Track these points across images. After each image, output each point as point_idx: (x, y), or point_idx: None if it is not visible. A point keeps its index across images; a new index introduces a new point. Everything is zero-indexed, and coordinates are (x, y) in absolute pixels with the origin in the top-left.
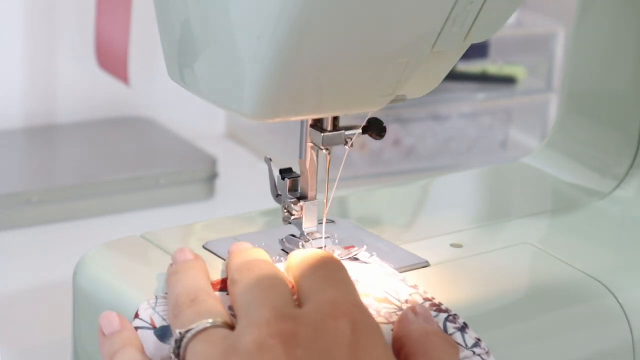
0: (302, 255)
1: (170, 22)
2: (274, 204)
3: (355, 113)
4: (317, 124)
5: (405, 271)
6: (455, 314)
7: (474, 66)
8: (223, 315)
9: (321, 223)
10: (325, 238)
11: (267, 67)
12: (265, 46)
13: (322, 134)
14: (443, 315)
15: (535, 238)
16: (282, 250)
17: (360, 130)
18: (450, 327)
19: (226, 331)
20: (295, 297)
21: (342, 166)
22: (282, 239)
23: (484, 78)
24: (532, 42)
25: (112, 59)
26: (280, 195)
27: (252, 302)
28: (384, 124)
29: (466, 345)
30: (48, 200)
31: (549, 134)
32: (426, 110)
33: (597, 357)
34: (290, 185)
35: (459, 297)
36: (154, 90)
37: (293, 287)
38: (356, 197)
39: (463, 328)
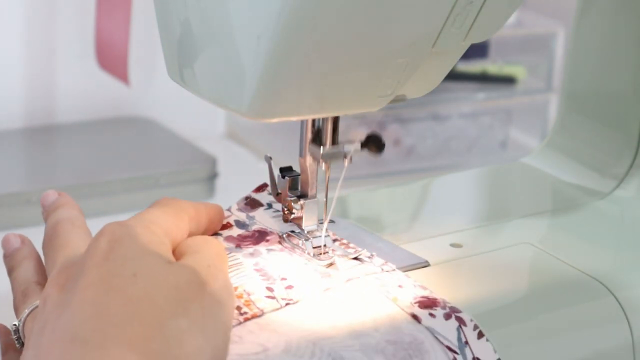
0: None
1: (170, 22)
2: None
3: (355, 113)
4: (317, 139)
5: (405, 271)
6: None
7: (474, 66)
8: None
9: (321, 223)
10: (325, 237)
11: (267, 67)
12: (265, 46)
13: (322, 149)
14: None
15: (535, 238)
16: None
17: (359, 145)
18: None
19: None
20: None
21: (341, 181)
22: (283, 236)
23: (484, 78)
24: (532, 42)
25: (112, 59)
26: (281, 193)
27: (52, 265)
28: (383, 140)
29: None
30: None
31: (549, 134)
32: (426, 110)
33: (597, 357)
34: (291, 184)
35: (459, 297)
36: (154, 90)
37: None
38: (356, 197)
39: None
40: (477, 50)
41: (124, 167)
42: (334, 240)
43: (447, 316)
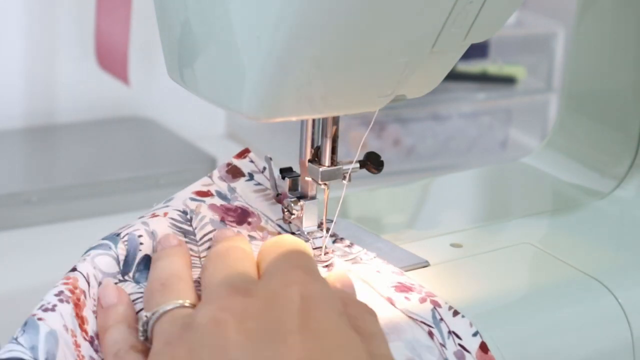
0: (274, 240)
1: (170, 22)
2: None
3: (356, 113)
4: (315, 159)
5: (405, 271)
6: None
7: (474, 66)
8: (191, 298)
9: (321, 223)
10: (326, 237)
11: (267, 67)
12: (265, 46)
13: (320, 170)
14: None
15: (535, 238)
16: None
17: (357, 165)
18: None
19: (190, 311)
20: (259, 276)
21: (341, 199)
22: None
23: (484, 78)
24: (532, 42)
25: (112, 59)
26: (281, 194)
27: (213, 282)
28: (381, 158)
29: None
30: (48, 200)
31: (549, 134)
32: (426, 110)
33: (597, 357)
34: (291, 185)
35: (459, 297)
36: (154, 90)
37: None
38: (356, 197)
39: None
40: (477, 50)
41: (124, 167)
42: (334, 242)
43: (422, 300)
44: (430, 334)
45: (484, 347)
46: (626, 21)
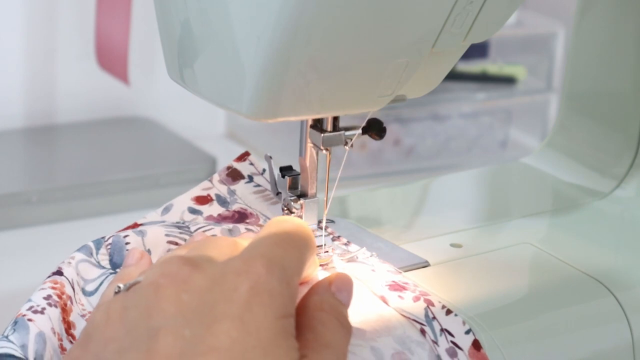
0: (280, 218)
1: (170, 22)
2: None
3: (356, 113)
4: (317, 125)
5: (405, 271)
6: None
7: (474, 66)
8: None
9: (321, 221)
10: (326, 236)
11: (267, 67)
12: (265, 46)
13: (322, 135)
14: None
15: (535, 238)
16: None
17: (360, 131)
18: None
19: None
20: None
21: (342, 166)
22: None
23: (484, 78)
24: (532, 42)
25: (112, 59)
26: (281, 193)
27: (177, 253)
28: (384, 125)
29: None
30: (48, 200)
31: (549, 134)
32: (426, 110)
33: (597, 357)
34: (291, 183)
35: (459, 297)
36: (154, 90)
37: None
38: (356, 197)
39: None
40: (477, 50)
41: (124, 167)
42: (333, 239)
43: (416, 299)
44: (423, 332)
45: (476, 345)
46: (626, 21)
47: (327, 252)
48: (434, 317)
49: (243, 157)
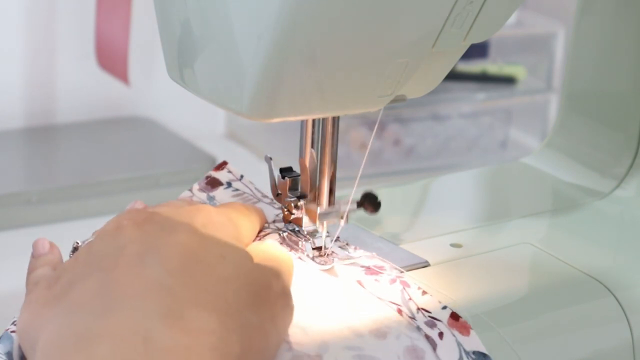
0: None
1: (170, 22)
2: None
3: (356, 113)
4: (314, 201)
5: (404, 271)
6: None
7: (474, 66)
8: None
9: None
10: (325, 237)
11: (267, 67)
12: (265, 46)
13: (318, 211)
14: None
15: (535, 238)
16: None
17: (355, 205)
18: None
19: None
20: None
21: (337, 232)
22: (283, 236)
23: (484, 78)
24: (532, 42)
25: (112, 59)
26: (281, 194)
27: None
28: (379, 199)
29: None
30: (48, 200)
31: (549, 134)
32: (426, 110)
33: (597, 357)
34: (291, 185)
35: (459, 297)
36: (154, 90)
37: None
38: (356, 197)
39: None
40: (477, 50)
41: (124, 167)
42: (334, 242)
43: (392, 281)
44: (399, 312)
45: (454, 316)
46: (626, 21)
47: (327, 254)
48: (410, 298)
49: (221, 166)
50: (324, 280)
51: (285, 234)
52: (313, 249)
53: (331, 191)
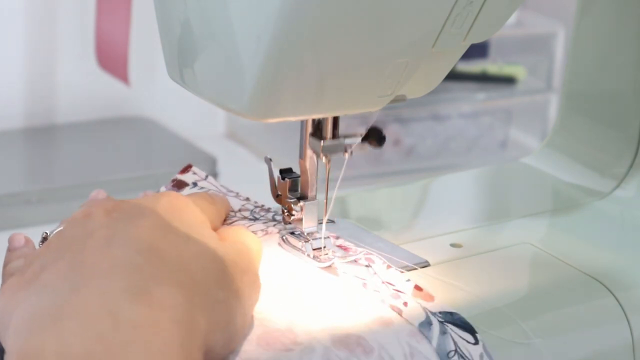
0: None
1: (170, 22)
2: (274, 204)
3: (356, 113)
4: (317, 132)
5: (405, 271)
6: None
7: (474, 66)
8: None
9: (321, 223)
10: (325, 238)
11: (267, 67)
12: (265, 46)
13: (322, 143)
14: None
15: (535, 238)
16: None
17: (359, 139)
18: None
19: None
20: None
21: (342, 174)
22: (284, 237)
23: (484, 78)
24: (532, 42)
25: (112, 59)
26: (281, 195)
27: None
28: (384, 133)
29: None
30: (48, 200)
31: (549, 134)
32: (426, 110)
33: (597, 357)
34: (291, 186)
35: (459, 297)
36: (154, 90)
37: None
38: (356, 197)
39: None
40: (477, 50)
41: (124, 167)
42: (334, 242)
43: (357, 259)
44: (364, 286)
45: (418, 287)
46: (626, 21)
47: (327, 254)
48: (375, 273)
49: (187, 169)
50: (323, 279)
51: (284, 237)
52: (313, 249)
53: (335, 124)
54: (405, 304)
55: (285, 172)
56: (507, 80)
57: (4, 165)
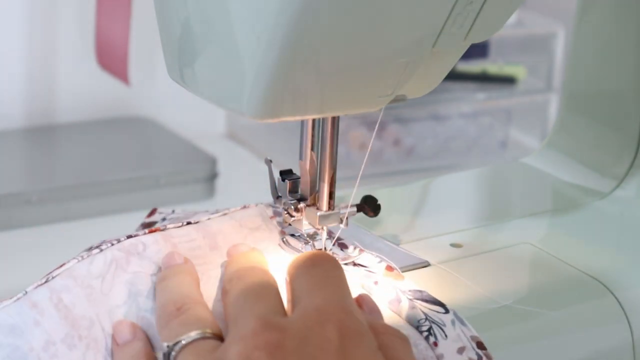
0: (299, 256)
1: (170, 21)
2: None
3: (356, 113)
4: (314, 204)
5: (405, 271)
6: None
7: (474, 66)
8: (211, 325)
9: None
10: (326, 239)
11: (267, 67)
12: (265, 46)
13: (318, 214)
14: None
15: (535, 238)
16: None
17: (355, 209)
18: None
19: (215, 343)
20: (288, 300)
21: (336, 238)
22: (284, 239)
23: (484, 78)
24: (532, 42)
25: (112, 59)
26: (281, 196)
27: (240, 313)
28: (379, 202)
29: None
30: (48, 200)
31: (549, 134)
32: (426, 110)
33: (597, 357)
34: (291, 187)
35: (459, 297)
36: (154, 90)
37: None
38: (356, 197)
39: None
40: (477, 50)
41: (124, 167)
42: (334, 244)
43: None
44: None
45: (389, 268)
46: (626, 21)
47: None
48: (348, 257)
49: (152, 213)
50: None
51: (285, 238)
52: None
53: (331, 195)
54: (375, 282)
55: (285, 174)
56: (507, 80)
57: (4, 165)
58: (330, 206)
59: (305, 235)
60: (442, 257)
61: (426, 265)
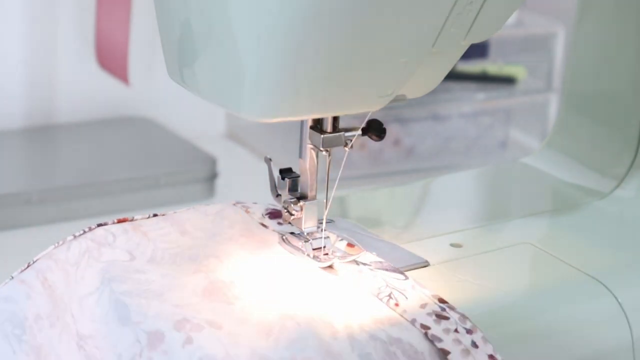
0: None
1: (170, 22)
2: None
3: (356, 113)
4: (317, 126)
5: (405, 271)
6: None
7: (474, 66)
8: None
9: (321, 223)
10: (325, 238)
11: (267, 67)
12: (265, 46)
13: (322, 136)
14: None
15: (535, 238)
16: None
17: (360, 132)
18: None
19: None
20: None
21: (342, 167)
22: (284, 237)
23: (484, 78)
24: (532, 42)
25: (112, 59)
26: (280, 195)
27: None
28: (384, 125)
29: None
30: (48, 200)
31: (549, 134)
32: (426, 110)
33: (597, 357)
34: (290, 185)
35: (459, 297)
36: (154, 90)
37: None
38: (356, 197)
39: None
40: (477, 50)
41: (124, 167)
42: (335, 241)
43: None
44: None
45: (350, 244)
46: (626, 21)
47: (326, 254)
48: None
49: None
50: (322, 278)
51: (284, 237)
52: (313, 249)
53: (335, 118)
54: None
55: (285, 172)
56: (507, 80)
57: (4, 165)
58: (335, 128)
59: (305, 233)
60: (442, 257)
61: (426, 265)
